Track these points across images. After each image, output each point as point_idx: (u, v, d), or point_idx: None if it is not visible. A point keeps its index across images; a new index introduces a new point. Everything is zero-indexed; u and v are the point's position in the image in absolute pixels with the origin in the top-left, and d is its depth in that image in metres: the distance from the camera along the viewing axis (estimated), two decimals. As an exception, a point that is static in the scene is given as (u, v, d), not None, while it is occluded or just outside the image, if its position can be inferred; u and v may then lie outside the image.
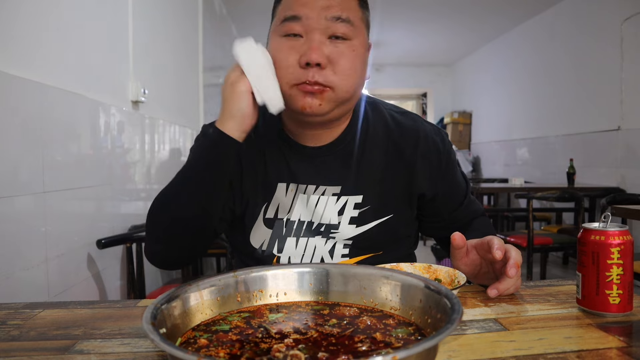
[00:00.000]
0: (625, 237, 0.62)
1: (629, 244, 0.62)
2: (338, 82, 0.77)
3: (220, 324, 0.57)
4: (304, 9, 0.76)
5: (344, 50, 0.77)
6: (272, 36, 0.81)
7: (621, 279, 0.61)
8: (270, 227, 0.90)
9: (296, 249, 0.89)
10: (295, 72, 0.76)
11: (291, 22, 0.77)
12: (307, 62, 0.75)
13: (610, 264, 0.61)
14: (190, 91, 3.25)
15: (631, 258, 0.62)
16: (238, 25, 5.21)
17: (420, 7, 4.76)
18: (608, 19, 3.83)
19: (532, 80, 5.07)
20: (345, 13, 0.77)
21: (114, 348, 0.57)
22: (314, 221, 0.89)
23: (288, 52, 0.77)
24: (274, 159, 0.90)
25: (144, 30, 2.24)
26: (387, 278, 0.63)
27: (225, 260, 2.88)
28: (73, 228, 1.52)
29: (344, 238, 0.89)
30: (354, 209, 0.88)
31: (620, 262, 0.61)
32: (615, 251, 0.61)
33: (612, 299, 0.62)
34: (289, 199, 0.89)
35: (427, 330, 0.54)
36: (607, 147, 3.86)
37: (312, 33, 0.76)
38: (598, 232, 0.63)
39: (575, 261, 3.89)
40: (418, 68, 7.60)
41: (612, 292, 0.61)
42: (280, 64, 0.77)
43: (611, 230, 0.62)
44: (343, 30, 0.77)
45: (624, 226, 0.63)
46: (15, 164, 1.21)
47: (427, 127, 0.93)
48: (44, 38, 1.36)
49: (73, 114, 1.53)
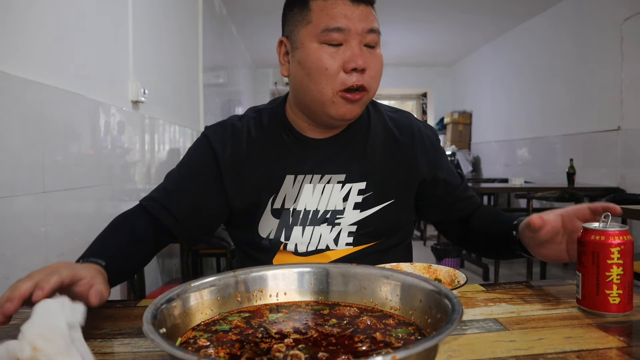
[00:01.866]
0: (626, 237, 0.62)
1: (629, 244, 0.62)
2: (372, 84, 0.87)
3: (220, 324, 0.57)
4: (346, 21, 0.84)
5: (374, 56, 0.87)
6: (307, 42, 0.86)
7: (621, 279, 0.61)
8: (277, 217, 0.94)
9: (302, 237, 0.94)
10: (341, 77, 0.84)
11: (335, 32, 0.84)
12: (353, 68, 0.83)
13: (610, 264, 0.61)
14: (190, 91, 3.25)
15: (631, 258, 0.62)
16: (238, 25, 5.21)
17: (420, 7, 4.76)
18: (608, 19, 3.83)
19: (532, 80, 5.07)
20: (375, 24, 0.87)
21: (114, 348, 0.57)
22: (319, 209, 0.94)
23: (332, 59, 0.84)
24: (280, 152, 0.94)
25: (144, 30, 2.24)
26: (387, 278, 0.63)
27: (225, 260, 2.89)
28: (73, 228, 1.52)
29: (349, 223, 0.94)
30: (357, 195, 0.94)
31: (621, 262, 0.61)
32: (615, 251, 0.60)
33: (612, 299, 0.62)
34: (295, 189, 0.93)
35: (427, 330, 0.54)
36: (607, 147, 3.86)
37: (352, 41, 0.84)
38: (598, 232, 0.63)
39: (575, 261, 3.90)
40: (418, 68, 7.60)
41: (612, 292, 0.61)
42: (327, 71, 0.84)
43: (611, 230, 0.62)
44: (375, 40, 0.87)
45: (624, 226, 0.63)
46: (15, 164, 1.21)
47: (419, 123, 1.03)
48: (44, 38, 1.36)
49: (73, 114, 1.53)
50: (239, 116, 1.00)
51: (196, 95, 3.41)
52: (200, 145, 0.97)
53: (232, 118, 1.00)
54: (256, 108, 1.02)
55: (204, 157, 0.95)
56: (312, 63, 0.85)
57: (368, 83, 0.85)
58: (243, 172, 0.94)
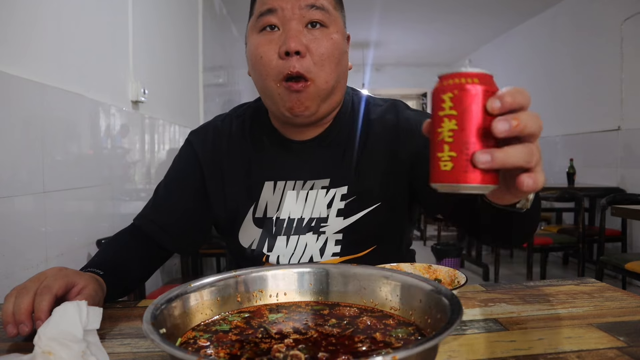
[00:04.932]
0: (465, 80, 0.42)
1: (476, 91, 0.42)
2: (316, 72, 0.76)
3: (220, 324, 0.57)
4: (278, 1, 0.77)
5: (322, 37, 0.77)
6: (250, 34, 0.81)
7: (454, 136, 0.42)
8: (260, 226, 0.88)
9: (286, 247, 0.87)
10: (277, 65, 0.76)
11: (267, 15, 0.77)
12: (286, 52, 0.74)
13: (441, 116, 0.42)
14: (190, 91, 3.25)
15: (479, 110, 0.41)
16: (238, 25, 5.21)
17: (420, 7, 4.76)
18: (608, 19, 3.83)
19: (532, 80, 5.07)
20: (319, 1, 0.77)
21: (114, 348, 0.57)
22: (304, 217, 0.87)
23: (267, 45, 0.77)
24: (260, 158, 0.89)
25: (144, 30, 2.24)
26: (387, 278, 0.63)
27: (225, 260, 2.89)
28: (73, 228, 1.52)
29: (334, 231, 0.86)
30: (340, 201, 0.86)
31: (453, 112, 0.42)
32: (447, 98, 0.42)
33: (443, 165, 0.42)
34: (277, 197, 0.87)
35: (427, 330, 0.54)
36: (607, 147, 3.86)
37: (288, 23, 0.76)
38: (442, 77, 0.43)
39: (575, 261, 3.90)
40: (418, 68, 7.60)
41: (443, 154, 0.42)
42: (262, 59, 0.77)
43: (449, 73, 0.43)
44: (318, 17, 0.77)
45: (475, 69, 0.43)
46: (15, 164, 1.21)
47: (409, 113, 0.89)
48: (44, 38, 1.36)
49: (73, 114, 1.53)
50: (224, 115, 0.96)
51: (196, 95, 3.41)
52: (184, 152, 0.95)
53: (217, 118, 0.96)
54: (243, 105, 0.97)
55: (188, 162, 0.93)
56: (251, 54, 0.79)
57: (309, 70, 0.75)
58: (224, 176, 0.90)
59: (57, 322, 0.49)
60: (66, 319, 0.49)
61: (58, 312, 0.50)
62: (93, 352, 0.49)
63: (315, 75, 0.76)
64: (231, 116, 0.95)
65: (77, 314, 0.50)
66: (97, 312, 0.52)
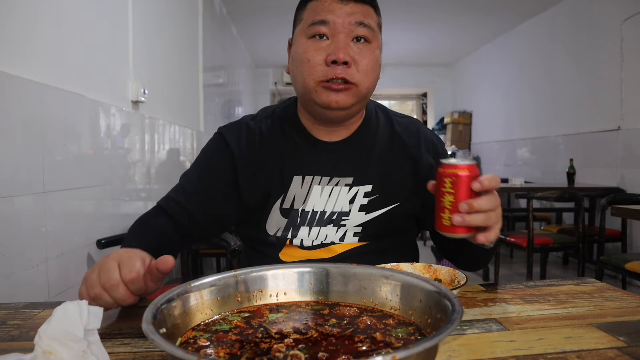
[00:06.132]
0: (459, 171, 0.66)
1: (465, 177, 0.66)
2: (361, 79, 0.86)
3: (220, 323, 0.57)
4: (331, 15, 0.85)
5: (365, 51, 0.87)
6: (298, 38, 0.90)
7: (452, 205, 0.67)
8: (286, 216, 0.96)
9: (309, 236, 0.96)
10: (322, 69, 0.85)
11: (319, 25, 0.86)
12: (333, 60, 0.83)
13: (443, 191, 0.67)
14: (190, 91, 3.25)
15: (465, 189, 0.66)
16: (238, 25, 5.21)
17: (420, 7, 4.76)
18: (608, 19, 3.83)
19: (532, 80, 5.07)
20: (367, 19, 0.87)
21: (114, 348, 0.58)
22: (326, 210, 0.95)
23: (315, 52, 0.86)
24: (291, 153, 0.96)
25: (144, 30, 2.24)
26: (387, 278, 0.63)
27: (225, 260, 2.89)
28: (73, 228, 1.52)
29: (354, 225, 0.95)
30: (363, 198, 0.95)
31: (452, 190, 0.67)
32: (448, 181, 0.67)
33: (444, 221, 0.68)
34: (304, 190, 0.95)
35: (427, 330, 0.54)
36: (607, 147, 3.86)
37: (337, 35, 0.85)
38: (441, 165, 0.69)
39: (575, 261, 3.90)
40: (418, 68, 7.59)
41: (445, 215, 0.67)
42: (309, 63, 0.86)
43: (447, 164, 0.68)
44: (364, 33, 0.86)
45: (464, 161, 0.67)
46: (15, 164, 1.21)
47: (427, 131, 1.04)
48: (44, 38, 1.36)
49: (73, 114, 1.53)
50: (252, 116, 1.03)
51: (196, 95, 3.41)
52: (216, 143, 1.00)
53: (246, 118, 1.02)
54: (269, 108, 1.04)
55: (220, 154, 0.98)
56: (298, 55, 0.88)
57: (354, 77, 0.85)
58: (256, 170, 0.96)
59: (57, 322, 0.49)
60: (67, 319, 0.49)
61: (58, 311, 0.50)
62: (93, 352, 0.49)
63: (358, 81, 0.86)
64: (260, 116, 1.02)
65: (77, 314, 0.50)
66: (98, 311, 0.52)
